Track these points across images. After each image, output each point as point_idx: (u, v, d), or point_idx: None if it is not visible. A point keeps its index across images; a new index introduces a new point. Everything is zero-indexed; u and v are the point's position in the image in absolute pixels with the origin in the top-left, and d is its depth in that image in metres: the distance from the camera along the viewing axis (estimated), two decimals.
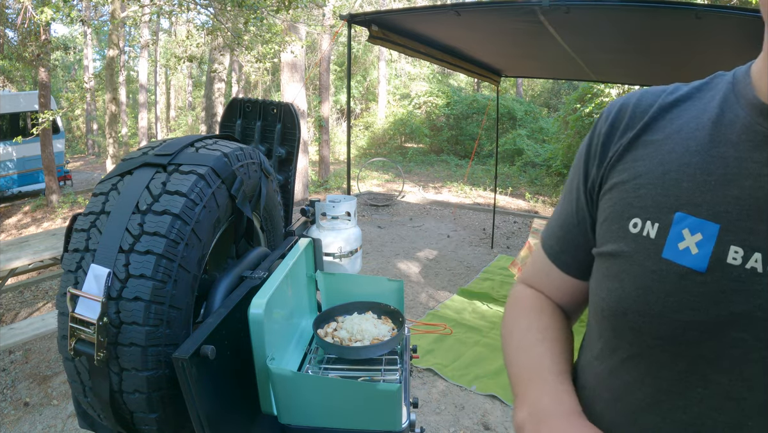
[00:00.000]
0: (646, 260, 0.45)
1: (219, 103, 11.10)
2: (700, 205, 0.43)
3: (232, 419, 0.85)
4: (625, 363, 0.49)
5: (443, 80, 19.17)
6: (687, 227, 0.43)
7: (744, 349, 0.40)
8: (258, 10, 6.10)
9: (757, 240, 0.39)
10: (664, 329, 0.44)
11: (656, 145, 0.49)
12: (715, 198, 0.42)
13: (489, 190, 10.13)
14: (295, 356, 1.10)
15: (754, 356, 0.40)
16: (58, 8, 4.85)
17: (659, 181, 0.47)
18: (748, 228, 0.40)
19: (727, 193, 0.42)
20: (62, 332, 0.74)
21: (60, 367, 3.13)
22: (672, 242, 0.44)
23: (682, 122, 0.49)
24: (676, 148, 0.47)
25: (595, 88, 8.92)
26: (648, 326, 0.45)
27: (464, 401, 2.76)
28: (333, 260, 1.62)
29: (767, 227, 0.39)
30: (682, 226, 0.43)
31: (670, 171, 0.46)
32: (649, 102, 0.53)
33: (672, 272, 0.43)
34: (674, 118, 0.50)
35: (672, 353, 0.44)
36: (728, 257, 0.41)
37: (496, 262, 5.35)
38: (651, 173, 0.48)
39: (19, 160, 9.78)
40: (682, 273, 0.43)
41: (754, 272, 0.39)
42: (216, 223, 0.87)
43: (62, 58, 21.58)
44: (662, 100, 0.52)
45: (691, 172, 0.45)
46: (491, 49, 4.39)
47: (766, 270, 0.39)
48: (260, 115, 1.50)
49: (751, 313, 0.39)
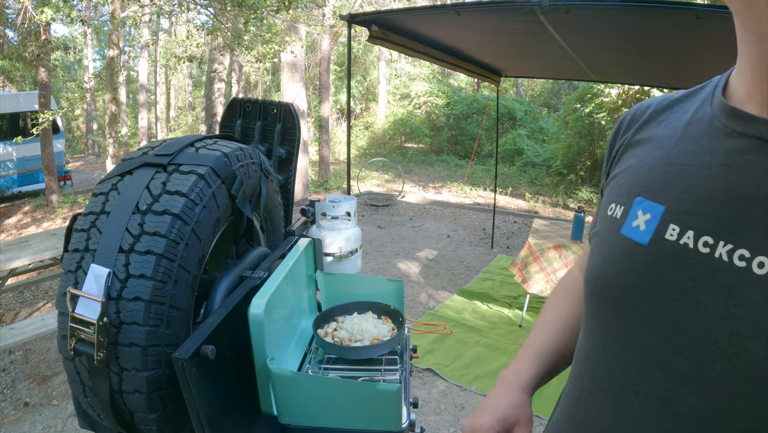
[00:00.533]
0: (610, 236, 0.53)
1: (219, 103, 11.11)
2: (657, 190, 0.50)
3: (232, 419, 0.85)
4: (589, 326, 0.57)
5: (443, 80, 19.17)
6: (641, 208, 0.50)
7: (672, 316, 0.45)
8: (258, 10, 6.10)
9: (694, 220, 0.45)
10: (612, 292, 0.51)
11: (643, 144, 0.56)
12: (670, 185, 0.48)
13: (489, 190, 10.14)
14: (295, 356, 1.10)
15: (681, 325, 0.44)
16: (58, 8, 4.85)
17: (634, 172, 0.54)
18: (688, 210, 0.46)
19: (681, 181, 0.48)
20: (62, 332, 0.74)
21: (60, 367, 3.13)
22: (629, 221, 0.51)
23: (667, 123, 0.55)
24: (654, 145, 0.54)
25: (595, 88, 8.92)
26: (602, 290, 0.52)
27: (464, 401, 2.76)
28: (333, 260, 1.62)
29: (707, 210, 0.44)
30: (638, 207, 0.50)
31: (643, 164, 0.54)
32: (646, 106, 0.60)
33: (624, 245, 0.51)
34: (663, 119, 0.56)
35: (618, 315, 0.50)
36: (666, 233, 0.47)
37: (496, 262, 5.35)
38: (631, 167, 0.55)
39: (19, 160, 9.78)
40: (631, 245, 0.50)
41: (686, 247, 0.45)
42: (216, 223, 0.87)
43: (62, 58, 21.60)
44: (657, 105, 0.59)
45: (657, 164, 0.52)
46: (491, 49, 4.39)
47: (696, 246, 0.44)
48: (260, 115, 1.50)
49: (681, 283, 0.44)
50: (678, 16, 2.52)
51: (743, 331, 0.39)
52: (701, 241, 0.44)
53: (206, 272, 1.01)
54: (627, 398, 0.49)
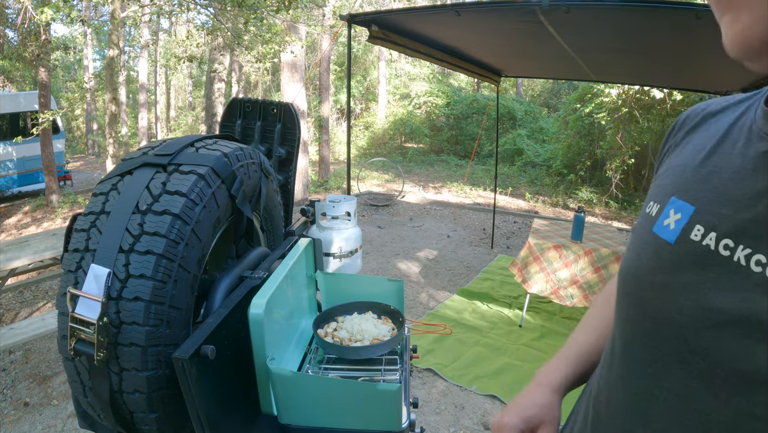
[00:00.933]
0: (644, 233, 0.54)
1: (219, 103, 11.10)
2: (689, 191, 0.50)
3: (232, 419, 0.85)
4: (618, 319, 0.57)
5: (443, 80, 19.17)
6: (674, 208, 0.51)
7: (689, 317, 0.45)
8: (258, 10, 6.10)
9: (717, 222, 0.45)
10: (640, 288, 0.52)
11: (688, 145, 0.57)
12: (701, 186, 0.49)
13: (489, 190, 10.13)
14: (295, 356, 1.10)
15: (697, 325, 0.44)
16: (58, 8, 4.85)
17: (674, 172, 0.55)
18: (714, 212, 0.46)
19: (711, 181, 0.48)
20: (62, 332, 0.74)
21: (60, 367, 3.13)
22: (661, 219, 0.52)
23: (714, 126, 0.55)
24: (697, 147, 0.55)
25: (595, 88, 8.91)
26: (631, 285, 0.53)
27: (464, 401, 2.76)
28: (333, 260, 1.62)
29: (730, 212, 0.44)
30: (671, 207, 0.51)
31: (684, 165, 0.54)
32: (702, 108, 0.60)
33: (654, 243, 0.51)
34: (712, 123, 0.56)
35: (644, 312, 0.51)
36: (691, 233, 0.47)
37: (496, 262, 5.35)
38: (674, 167, 0.56)
39: (19, 160, 9.78)
40: (660, 243, 0.51)
41: (708, 248, 0.45)
42: (216, 223, 0.87)
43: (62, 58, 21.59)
44: (712, 108, 0.58)
45: (694, 165, 0.52)
46: (491, 49, 4.39)
47: (717, 248, 0.44)
48: (260, 115, 1.50)
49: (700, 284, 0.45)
50: (678, 16, 2.52)
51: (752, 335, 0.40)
52: (722, 243, 0.44)
53: (206, 272, 1.01)
54: (651, 393, 0.50)
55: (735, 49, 0.41)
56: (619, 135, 8.41)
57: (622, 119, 8.28)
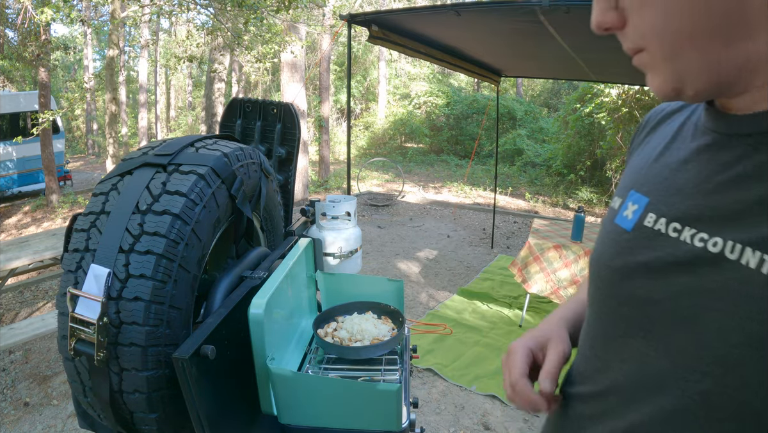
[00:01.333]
0: (608, 224, 0.60)
1: (219, 103, 11.11)
2: (644, 184, 0.57)
3: (232, 419, 0.85)
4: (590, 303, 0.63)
5: (443, 80, 19.17)
6: (632, 200, 0.57)
7: (644, 295, 0.50)
8: (258, 10, 6.10)
9: (667, 209, 0.51)
10: (604, 273, 0.57)
11: (649, 143, 0.63)
12: (654, 179, 0.56)
13: (489, 190, 10.14)
14: (295, 356, 1.10)
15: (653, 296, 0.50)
16: (58, 8, 4.85)
17: (633, 169, 0.62)
18: (664, 201, 0.52)
19: (662, 174, 0.55)
20: (62, 332, 0.74)
21: (60, 367, 3.13)
22: (621, 211, 0.58)
23: (671, 124, 0.60)
24: (655, 144, 0.61)
25: (595, 88, 8.91)
26: (597, 272, 0.59)
27: (464, 401, 2.76)
28: (333, 260, 1.62)
29: (676, 200, 0.50)
30: (630, 199, 0.57)
31: (642, 162, 0.61)
32: (661, 108, 0.66)
33: (614, 232, 0.57)
34: (669, 122, 0.62)
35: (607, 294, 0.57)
36: (645, 220, 0.53)
37: (496, 262, 5.35)
38: (634, 165, 0.62)
39: (19, 160, 9.78)
40: (619, 232, 0.57)
41: (659, 232, 0.51)
42: (216, 223, 0.87)
43: (62, 58, 21.59)
44: (670, 107, 0.64)
45: (650, 161, 0.59)
46: (491, 49, 4.39)
47: (666, 231, 0.50)
48: (260, 115, 1.50)
49: (649, 263, 0.50)
50: None
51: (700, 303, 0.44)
52: (671, 227, 0.50)
53: (206, 272, 1.01)
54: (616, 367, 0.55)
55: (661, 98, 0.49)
56: (619, 135, 8.41)
57: (622, 119, 8.28)
